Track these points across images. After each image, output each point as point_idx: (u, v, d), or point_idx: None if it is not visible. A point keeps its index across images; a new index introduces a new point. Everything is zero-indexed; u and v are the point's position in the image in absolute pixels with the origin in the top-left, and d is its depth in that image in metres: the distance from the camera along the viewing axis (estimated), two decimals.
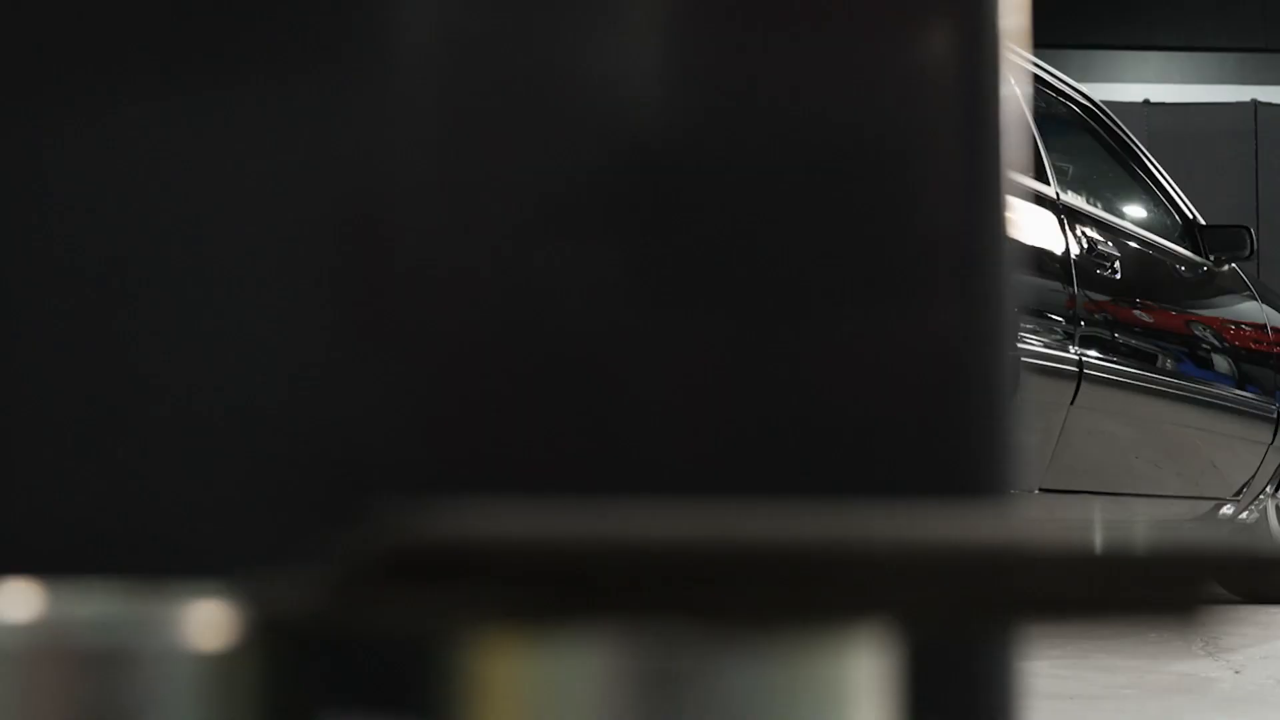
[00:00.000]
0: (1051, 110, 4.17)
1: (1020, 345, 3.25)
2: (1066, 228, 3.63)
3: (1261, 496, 4.77)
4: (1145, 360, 3.88)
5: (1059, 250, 3.55)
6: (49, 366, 0.71)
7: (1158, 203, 4.61)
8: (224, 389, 0.60)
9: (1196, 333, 4.33)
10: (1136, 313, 3.91)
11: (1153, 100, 9.25)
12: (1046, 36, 10.88)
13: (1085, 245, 3.69)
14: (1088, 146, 4.48)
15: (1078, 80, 11.48)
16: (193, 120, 0.66)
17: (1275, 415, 4.62)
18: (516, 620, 0.28)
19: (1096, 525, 0.28)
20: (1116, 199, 4.45)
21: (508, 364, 0.54)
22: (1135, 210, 4.48)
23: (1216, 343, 4.42)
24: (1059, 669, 2.76)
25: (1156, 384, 3.93)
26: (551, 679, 0.29)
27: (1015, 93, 0.50)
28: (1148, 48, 10.72)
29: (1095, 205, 4.07)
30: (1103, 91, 10.03)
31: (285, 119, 0.65)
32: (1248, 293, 4.78)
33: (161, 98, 0.67)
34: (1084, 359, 3.50)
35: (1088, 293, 3.62)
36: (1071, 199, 3.80)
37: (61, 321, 0.74)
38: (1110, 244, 3.85)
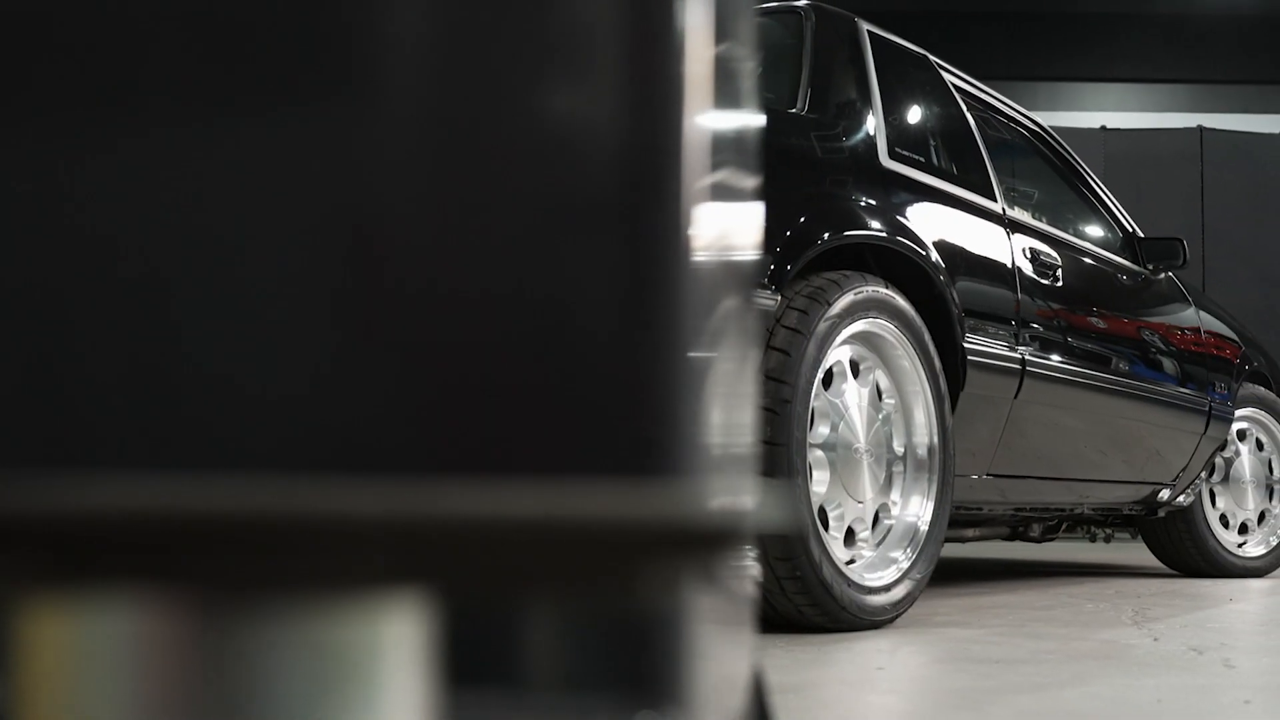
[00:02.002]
0: (1001, 134, 4.14)
1: (968, 345, 3.22)
2: (1011, 239, 3.60)
3: (1197, 480, 4.74)
4: (1086, 359, 3.85)
5: (1005, 260, 3.53)
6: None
7: (1100, 217, 4.58)
8: None
9: (1135, 334, 4.30)
10: (1077, 316, 3.88)
11: (1109, 126, 9.21)
12: (1016, 70, 10.89)
13: (1029, 255, 3.66)
14: (1036, 167, 4.46)
15: (1046, 108, 11.50)
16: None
17: (1207, 409, 4.59)
18: (38, 588, 0.26)
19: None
20: (1061, 213, 4.42)
21: None
22: (1078, 223, 4.45)
23: (1154, 343, 4.39)
24: (994, 635, 2.73)
25: (1097, 380, 3.90)
26: (77, 646, 0.27)
27: (703, 88, 0.47)
28: (1106, 79, 10.68)
29: (1040, 219, 4.04)
30: (1065, 119, 10.00)
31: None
32: (1183, 298, 4.75)
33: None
34: (1026, 358, 3.47)
35: (1031, 298, 3.59)
36: (1017, 214, 3.77)
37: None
38: (1053, 254, 3.82)
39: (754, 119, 0.66)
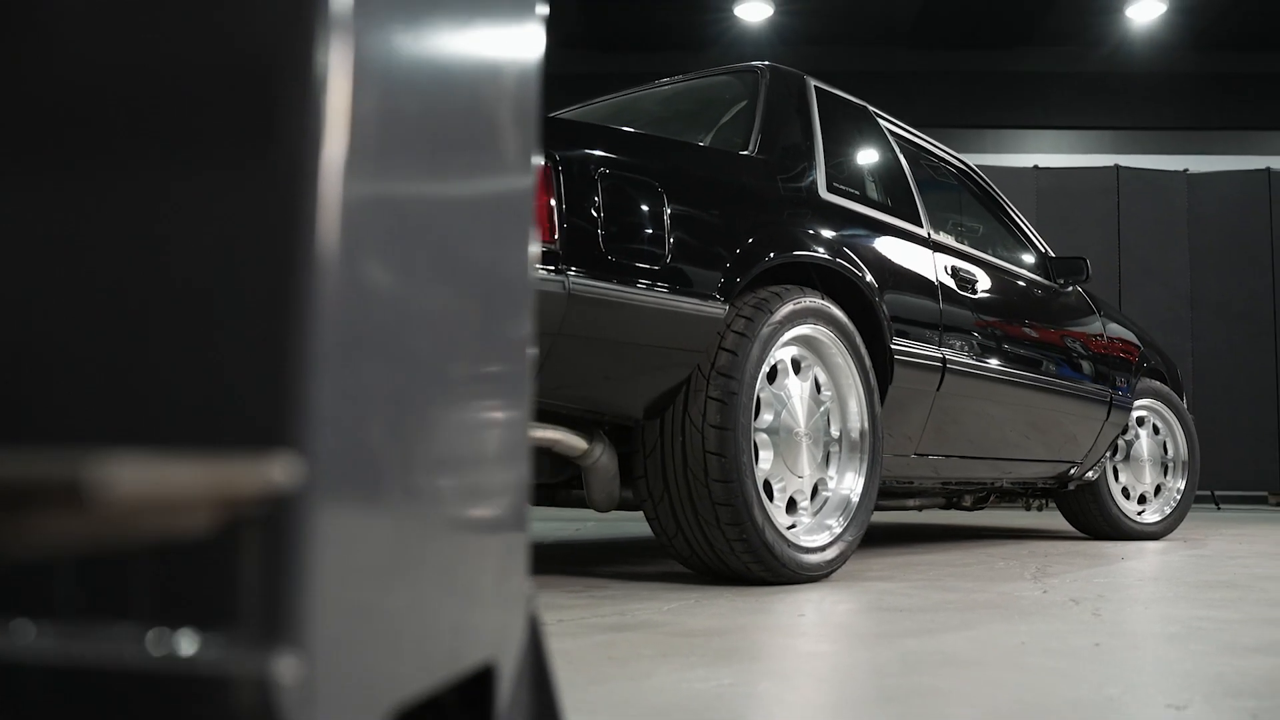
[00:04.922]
0: (930, 171, 4.09)
1: (895, 347, 3.19)
2: (935, 258, 3.56)
3: (1102, 459, 4.68)
4: (1001, 358, 3.80)
5: (929, 275, 3.49)
6: None
7: (1017, 240, 4.52)
8: None
9: (1045, 338, 4.24)
10: (993, 322, 3.83)
11: (1041, 166, 9.13)
12: (966, 119, 10.73)
13: (950, 272, 3.61)
14: (961, 199, 4.41)
15: (991, 150, 11.29)
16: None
17: (1109, 400, 4.53)
18: None
19: None
20: (982, 238, 4.37)
21: None
22: (997, 246, 4.39)
23: (1062, 345, 4.33)
24: (910, 588, 2.69)
25: (1011, 376, 3.85)
26: None
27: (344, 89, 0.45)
28: (1039, 127, 10.58)
29: (962, 242, 3.99)
30: (1004, 159, 9.91)
31: None
32: (1089, 308, 4.69)
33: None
34: (947, 357, 3.43)
35: (951, 307, 3.55)
36: (941, 237, 3.73)
37: None
38: (972, 271, 3.78)
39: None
